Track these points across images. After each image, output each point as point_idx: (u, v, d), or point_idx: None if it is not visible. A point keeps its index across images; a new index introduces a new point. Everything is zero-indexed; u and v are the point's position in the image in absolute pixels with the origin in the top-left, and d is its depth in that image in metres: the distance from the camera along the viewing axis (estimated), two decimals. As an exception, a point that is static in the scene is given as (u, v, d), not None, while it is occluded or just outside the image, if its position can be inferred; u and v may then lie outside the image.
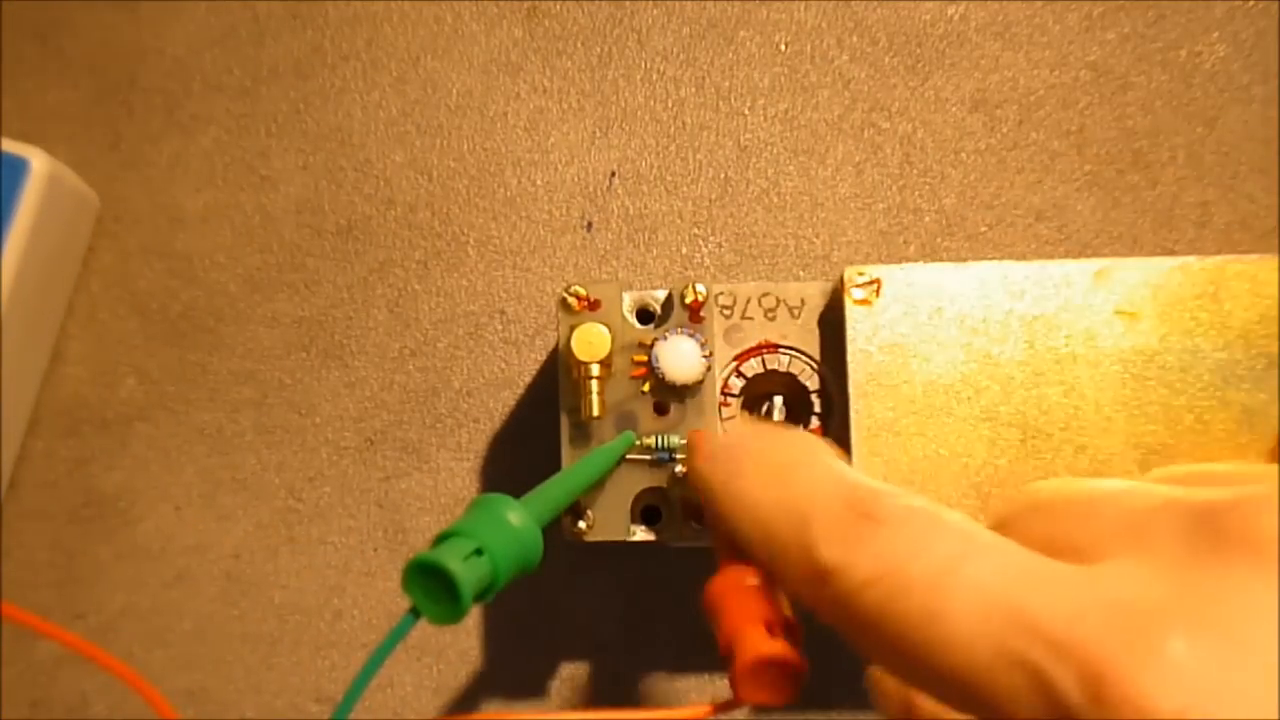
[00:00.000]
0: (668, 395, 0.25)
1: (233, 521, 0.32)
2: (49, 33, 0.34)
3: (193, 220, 0.33)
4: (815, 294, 0.25)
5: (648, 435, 0.25)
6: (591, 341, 0.24)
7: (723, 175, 0.31)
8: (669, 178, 0.31)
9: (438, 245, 0.32)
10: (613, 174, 0.31)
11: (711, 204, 0.31)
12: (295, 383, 0.32)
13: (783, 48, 0.31)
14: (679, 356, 0.24)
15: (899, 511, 0.16)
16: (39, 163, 0.30)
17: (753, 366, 0.25)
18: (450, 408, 0.31)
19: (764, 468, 0.18)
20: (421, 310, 0.32)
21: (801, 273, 0.30)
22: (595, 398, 0.24)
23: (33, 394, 0.33)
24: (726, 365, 0.25)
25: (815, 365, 0.25)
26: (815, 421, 0.25)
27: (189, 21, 0.33)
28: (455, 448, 0.31)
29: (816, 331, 0.25)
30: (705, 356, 0.24)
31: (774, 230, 0.31)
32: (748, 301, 0.25)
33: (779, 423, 0.26)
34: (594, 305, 0.25)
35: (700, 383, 0.25)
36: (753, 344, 0.25)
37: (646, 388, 0.25)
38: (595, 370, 0.24)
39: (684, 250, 0.31)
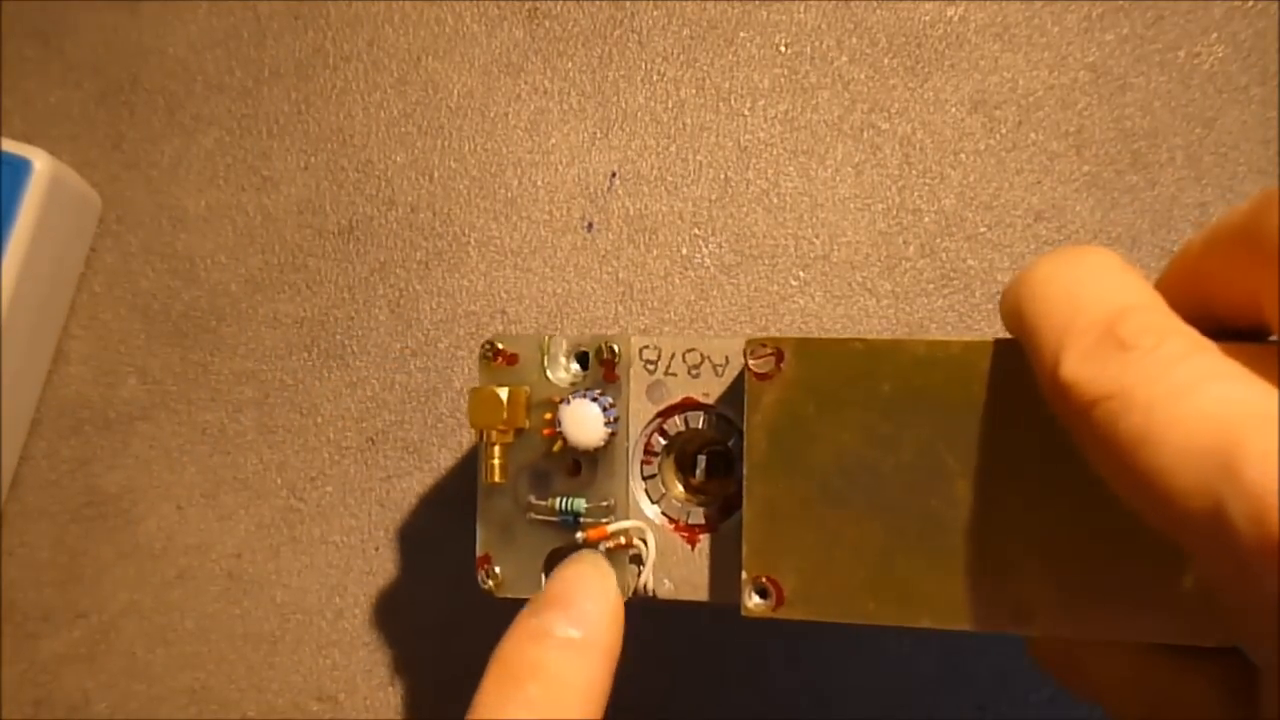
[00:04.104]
0: (579, 455, 0.24)
1: (234, 521, 0.32)
2: (50, 33, 0.34)
3: (194, 220, 0.33)
4: (739, 351, 0.23)
5: (555, 497, 0.24)
6: (485, 407, 0.23)
7: (723, 176, 0.31)
8: (669, 178, 0.31)
9: (439, 245, 0.32)
10: (613, 174, 0.31)
11: (711, 204, 0.31)
12: (297, 383, 0.32)
13: (783, 49, 0.31)
14: (580, 420, 0.23)
15: (1151, 340, 0.16)
16: (41, 163, 0.31)
17: (675, 424, 0.24)
18: (451, 407, 0.31)
19: (1065, 268, 0.18)
20: (423, 310, 0.32)
21: (801, 273, 0.31)
22: (496, 463, 0.24)
23: (35, 394, 0.33)
24: (650, 422, 0.24)
25: (736, 425, 0.23)
26: (735, 488, 0.24)
27: (191, 22, 0.33)
28: (456, 447, 0.31)
29: (740, 389, 0.23)
30: (609, 423, 0.23)
31: (774, 230, 0.31)
32: (671, 357, 0.24)
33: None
34: (511, 360, 0.24)
35: (605, 447, 0.24)
36: (675, 400, 0.24)
37: (557, 448, 0.24)
38: (493, 435, 0.23)
39: (684, 250, 0.31)
